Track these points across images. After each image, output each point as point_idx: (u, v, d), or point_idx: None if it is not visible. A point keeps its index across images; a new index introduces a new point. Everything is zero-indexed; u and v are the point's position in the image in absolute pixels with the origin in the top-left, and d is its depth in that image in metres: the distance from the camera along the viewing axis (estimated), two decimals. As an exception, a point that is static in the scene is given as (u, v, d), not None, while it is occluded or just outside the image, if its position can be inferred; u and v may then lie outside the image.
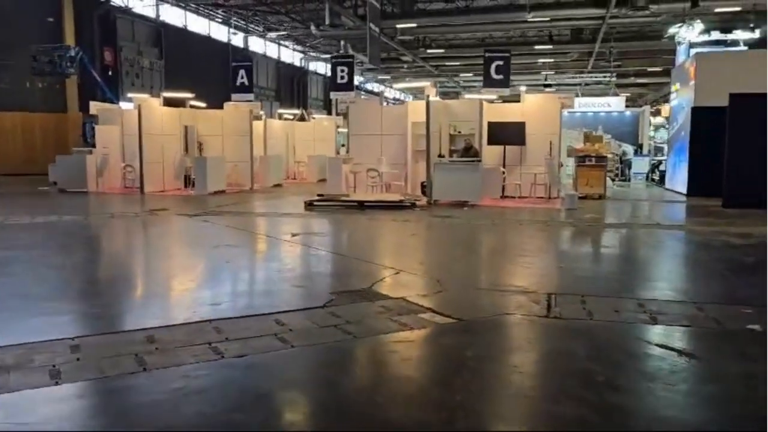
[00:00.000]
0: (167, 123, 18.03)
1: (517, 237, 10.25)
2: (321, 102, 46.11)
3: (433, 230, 10.78)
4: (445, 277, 6.73)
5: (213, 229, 10.52)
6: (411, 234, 10.29)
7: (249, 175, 18.89)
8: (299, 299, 5.92)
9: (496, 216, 12.39)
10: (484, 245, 9.56)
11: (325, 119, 27.67)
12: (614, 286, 6.72)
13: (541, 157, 15.60)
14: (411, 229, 10.86)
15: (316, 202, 13.63)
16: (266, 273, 7.26)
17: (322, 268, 7.60)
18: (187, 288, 6.42)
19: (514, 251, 8.81)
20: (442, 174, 14.25)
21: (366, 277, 6.74)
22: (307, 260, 7.96)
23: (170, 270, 7.45)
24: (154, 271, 7.53)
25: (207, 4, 32.72)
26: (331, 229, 11.17)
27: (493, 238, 10.08)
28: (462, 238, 10.05)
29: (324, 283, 6.62)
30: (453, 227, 10.96)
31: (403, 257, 8.39)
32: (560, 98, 16.03)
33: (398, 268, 7.19)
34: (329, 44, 39.76)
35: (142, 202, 15.25)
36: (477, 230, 10.72)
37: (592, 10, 29.35)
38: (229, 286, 6.55)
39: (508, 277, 7.11)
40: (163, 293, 6.27)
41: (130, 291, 6.26)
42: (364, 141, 16.71)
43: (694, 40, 21.58)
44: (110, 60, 28.13)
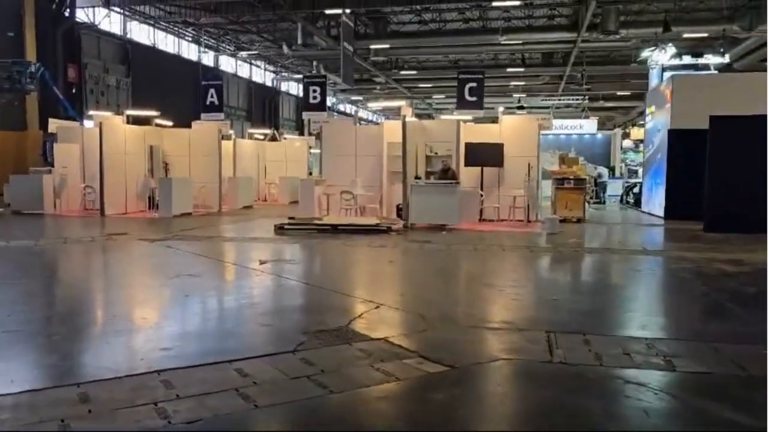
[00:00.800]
0: (131, 142, 17.12)
1: (501, 264, 9.62)
2: (293, 122, 45.42)
3: (411, 257, 10.09)
4: (430, 312, 6.03)
5: (174, 256, 9.68)
6: (388, 261, 9.59)
7: (217, 197, 18.02)
8: (266, 341, 5.15)
9: (476, 241, 11.76)
10: (468, 274, 8.88)
11: (297, 140, 26.96)
12: (615, 321, 6.10)
13: (519, 179, 15.07)
14: (388, 255, 10.16)
15: (287, 225, 12.86)
16: (230, 308, 6.45)
17: (293, 301, 6.83)
18: (137, 328, 5.59)
19: (501, 281, 8.15)
20: (418, 196, 13.61)
21: (342, 313, 6.01)
22: (277, 292, 7.18)
23: (120, 306, 6.61)
24: (100, 308, 6.67)
25: (177, 22, 31.92)
26: (303, 255, 10.41)
27: (477, 266, 9.42)
28: (443, 266, 9.38)
29: (295, 321, 5.86)
30: (432, 253, 10.29)
31: (381, 288, 7.67)
32: (538, 119, 15.57)
33: (377, 301, 6.46)
34: (301, 64, 39.23)
35: (102, 225, 14.30)
36: (458, 257, 10.06)
37: (564, 33, 29.40)
38: (185, 325, 5.75)
39: (498, 312, 6.43)
40: (107, 335, 5.41)
41: (69, 333, 5.40)
42: (338, 162, 16.02)
43: (666, 64, 21.46)
44: (74, 77, 27.09)
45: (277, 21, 31.88)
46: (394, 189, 15.63)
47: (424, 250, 10.50)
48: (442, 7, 29.73)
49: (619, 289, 7.92)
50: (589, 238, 13.12)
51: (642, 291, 7.82)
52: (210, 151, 18.06)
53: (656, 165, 17.76)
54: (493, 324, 5.82)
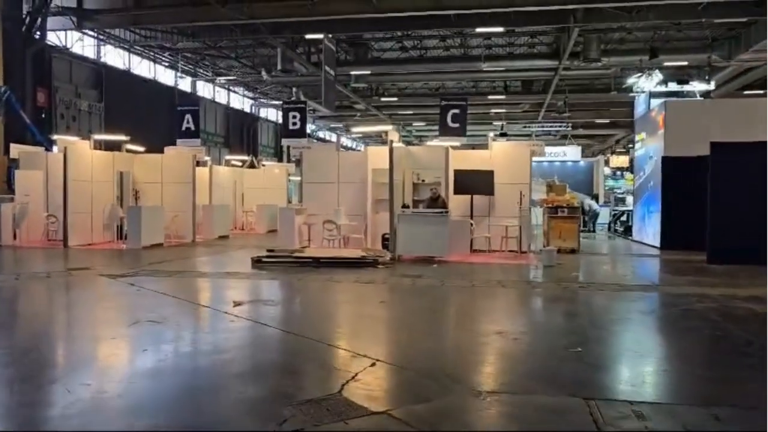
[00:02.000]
0: (98, 168, 15.92)
1: (504, 304, 8.60)
2: (272, 149, 44.32)
3: (404, 295, 9.02)
4: (435, 371, 4.98)
5: (137, 296, 8.50)
6: (379, 301, 8.49)
7: (191, 226, 16.82)
8: (240, 416, 4.03)
9: (471, 275, 10.75)
10: (471, 317, 7.77)
11: (276, 166, 25.88)
12: (661, 383, 5.08)
13: (511, 207, 14.16)
14: (378, 293, 9.08)
15: (266, 258, 11.73)
16: (196, 368, 5.27)
17: (273, 357, 5.70)
18: (75, 401, 4.40)
19: (509, 325, 7.11)
20: (406, 226, 12.60)
21: (332, 374, 4.92)
22: (254, 344, 6.03)
23: (60, 365, 5.43)
24: (38, 369, 5.42)
25: (152, 46, 30.84)
26: (284, 294, 9.28)
27: (478, 306, 8.36)
28: (441, 307, 8.31)
29: (276, 386, 4.73)
30: (426, 291, 9.23)
31: (374, 337, 6.58)
32: (530, 146, 14.73)
33: (371, 355, 5.38)
34: (280, 91, 38.31)
35: (63, 258, 13.04)
36: (455, 295, 9.01)
37: (546, 61, 28.91)
38: (138, 394, 4.58)
39: (516, 368, 5.37)
40: (33, 412, 4.24)
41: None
42: (320, 190, 14.99)
43: (653, 90, 20.90)
44: (43, 101, 25.73)
45: (256, 46, 30.95)
46: (379, 218, 14.62)
47: (417, 287, 9.45)
48: (424, 33, 29.13)
49: (650, 338, 6.86)
50: (590, 272, 12.19)
51: (674, 340, 6.76)
52: (184, 177, 16.91)
53: (648, 193, 17.01)
54: (515, 386, 4.76)
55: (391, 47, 31.54)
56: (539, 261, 12.32)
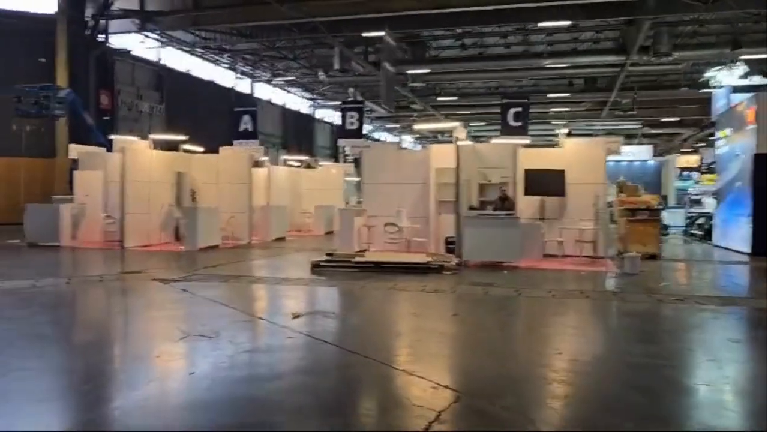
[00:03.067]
0: (157, 169, 15.50)
1: (595, 322, 7.50)
2: (328, 150, 43.88)
3: (477, 307, 8.02)
4: (542, 410, 4.00)
5: (189, 304, 7.79)
6: (451, 314, 7.53)
7: (247, 228, 16.23)
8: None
9: (547, 283, 9.67)
10: (561, 336, 6.67)
11: (333, 167, 25.20)
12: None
13: (584, 209, 13.00)
14: (448, 305, 8.13)
15: (325, 263, 10.93)
16: (248, 398, 4.43)
17: (336, 385, 4.80)
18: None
19: (613, 346, 6.03)
20: (474, 230, 11.59)
21: (410, 411, 4.02)
22: (314, 369, 5.14)
23: (94, 387, 4.70)
24: (65, 391, 4.72)
25: (212, 48, 30.71)
26: (345, 305, 8.42)
27: (566, 324, 7.27)
28: (523, 323, 7.26)
29: (342, 426, 3.85)
30: (502, 303, 8.22)
31: (454, 361, 5.61)
32: (606, 143, 13.48)
33: (455, 386, 4.45)
34: (337, 91, 37.76)
35: (117, 260, 12.58)
36: (536, 308, 7.95)
37: (612, 57, 27.33)
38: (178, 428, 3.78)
39: (650, 411, 4.32)
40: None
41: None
42: (380, 191, 14.17)
43: (734, 84, 19.20)
44: (107, 103, 25.84)
45: (314, 47, 30.44)
46: (442, 220, 13.68)
47: (491, 298, 8.44)
48: (484, 30, 27.98)
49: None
50: (680, 281, 10.91)
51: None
52: (240, 178, 16.33)
53: (734, 194, 15.46)
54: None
55: (449, 45, 30.51)
56: (620, 268, 11.11)
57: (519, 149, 13.33)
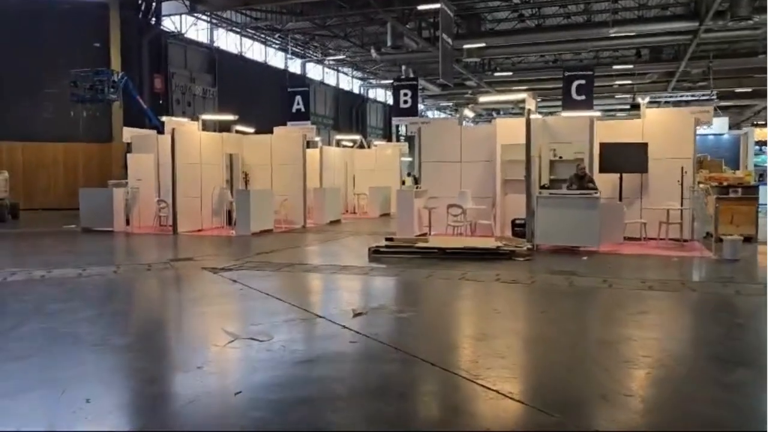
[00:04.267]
0: (207, 150, 14.81)
1: (716, 320, 6.30)
2: (380, 131, 42.87)
3: (566, 302, 6.88)
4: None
5: (239, 298, 6.96)
6: (539, 311, 6.43)
7: (301, 211, 15.43)
8: None
9: (637, 271, 8.46)
10: (678, 340, 5.51)
11: (388, 146, 24.13)
12: None
13: (669, 187, 11.62)
14: (530, 298, 7.04)
15: (385, 249, 9.97)
16: (305, 424, 3.53)
17: (417, 409, 3.84)
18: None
19: (748, 355, 4.87)
20: (547, 211, 10.41)
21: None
22: (384, 386, 4.14)
23: (115, 410, 3.86)
24: (76, 413, 3.91)
25: (262, 28, 29.99)
26: (412, 298, 7.42)
27: (680, 323, 6.09)
28: (626, 319, 6.05)
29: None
30: (593, 295, 7.08)
31: (559, 377, 4.49)
32: (694, 112, 11.99)
33: (575, 418, 3.40)
34: (389, 70, 36.58)
35: (169, 246, 11.96)
36: (635, 303, 6.73)
37: (683, 23, 25.21)
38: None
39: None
40: None
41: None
42: (440, 170, 13.09)
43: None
44: (160, 87, 25.51)
45: (365, 24, 29.35)
46: (508, 201, 12.53)
47: (578, 290, 7.30)
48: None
49: None
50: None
51: None
52: (294, 159, 15.51)
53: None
54: None
55: (506, 18, 28.92)
56: (716, 253, 9.75)
57: (594, 122, 11.98)
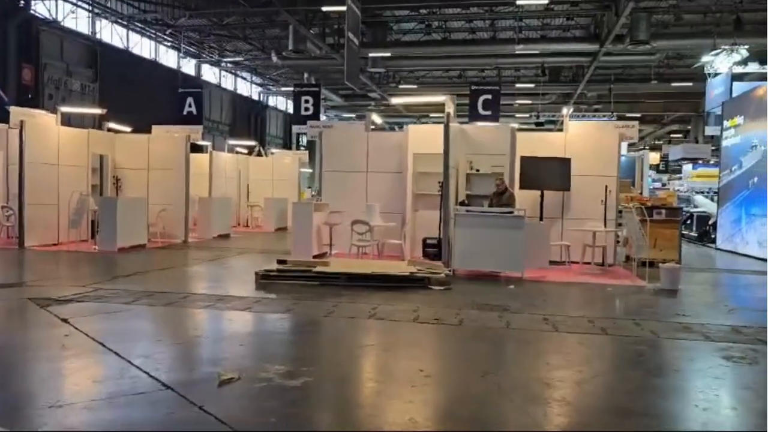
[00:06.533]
0: (68, 149, 12.20)
1: (688, 376, 4.85)
2: (280, 140, 40.54)
3: (510, 354, 5.22)
4: None
5: (54, 351, 4.78)
6: (480, 372, 4.67)
7: (182, 223, 13.11)
8: None
9: (578, 305, 7.05)
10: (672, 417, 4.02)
11: (286, 154, 22.10)
12: None
13: (590, 207, 10.52)
14: (462, 348, 5.33)
15: (276, 273, 8.00)
16: None
17: None
18: None
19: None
20: (465, 231, 8.88)
21: None
22: None
23: None
24: None
25: (152, 22, 27.08)
26: (306, 351, 5.41)
27: (667, 389, 4.60)
28: (608, 383, 4.47)
29: None
30: (539, 342, 5.49)
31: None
32: (618, 127, 10.96)
33: None
34: (290, 77, 34.44)
35: (2, 266, 9.35)
36: (597, 354, 5.21)
37: (585, 45, 25.11)
38: None
39: None
40: None
41: None
42: (344, 180, 11.31)
43: (725, 72, 17.09)
44: (29, 79, 22.02)
45: (265, 26, 27.21)
46: (420, 218, 10.94)
47: (519, 335, 5.69)
48: (449, 12, 25.40)
49: None
50: (746, 303, 8.43)
51: None
52: (175, 163, 13.18)
53: (747, 192, 13.25)
54: None
55: (412, 29, 27.80)
56: (651, 281, 8.58)
57: (516, 132, 10.67)
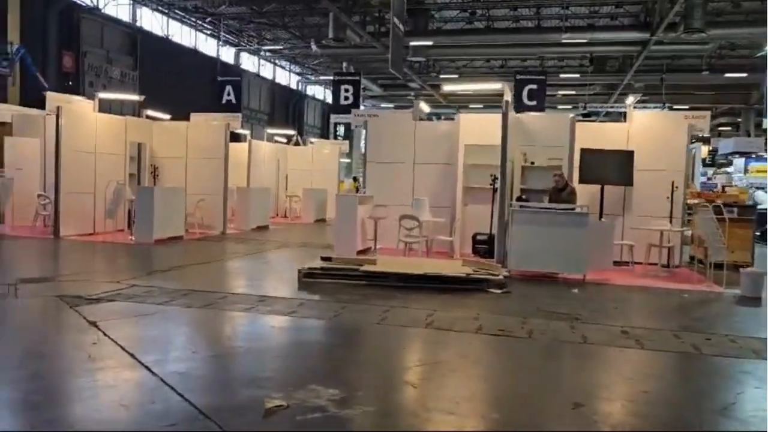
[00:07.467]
0: (106, 137, 11.78)
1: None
2: (318, 130, 40.06)
3: (594, 377, 4.52)
4: None
5: (79, 365, 4.22)
6: (566, 401, 3.99)
7: (221, 214, 12.62)
8: None
9: (654, 314, 6.24)
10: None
11: (326, 144, 21.44)
12: None
13: (655, 204, 9.65)
14: (535, 366, 4.62)
15: (320, 271, 7.37)
16: None
17: None
18: None
19: None
20: (523, 228, 8.11)
21: None
22: None
23: None
24: None
25: (192, 10, 26.71)
26: (358, 371, 4.78)
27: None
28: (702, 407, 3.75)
29: None
30: (624, 361, 4.74)
31: None
32: (688, 118, 10.00)
33: None
34: (329, 66, 33.85)
35: (34, 256, 8.95)
36: (686, 372, 4.46)
37: (634, 33, 23.85)
38: None
39: None
40: None
41: None
42: (389, 172, 10.63)
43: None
44: (70, 66, 21.87)
45: (305, 14, 26.58)
46: (470, 213, 10.19)
47: (598, 351, 4.94)
48: (493, 0, 24.42)
49: None
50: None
51: None
52: (214, 152, 12.68)
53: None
54: None
55: (454, 17, 26.87)
56: (728, 287, 7.70)
57: (576, 123, 9.80)
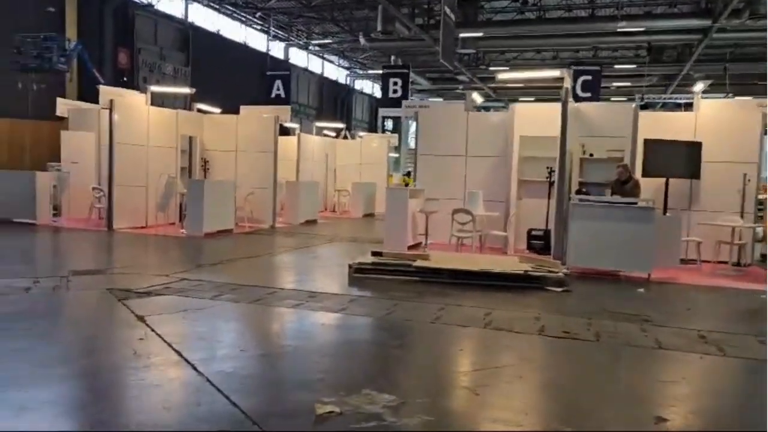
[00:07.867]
0: (158, 130, 11.82)
1: None
2: (366, 124, 39.90)
3: (667, 379, 4.13)
4: None
5: (123, 363, 4.06)
6: (648, 414, 3.60)
7: (270, 208, 12.53)
8: None
9: (732, 317, 5.74)
10: None
11: (375, 137, 21.18)
12: None
13: (723, 198, 9.04)
14: (609, 371, 4.25)
15: (371, 266, 7.11)
16: None
17: None
18: None
19: None
20: (583, 223, 7.65)
21: None
22: None
23: None
24: None
25: (242, 5, 26.86)
26: (414, 372, 4.52)
27: None
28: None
29: None
30: (703, 367, 4.32)
31: None
32: (763, 106, 9.30)
33: None
34: (377, 60, 33.64)
35: (89, 248, 8.99)
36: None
37: (693, 21, 22.68)
38: None
39: None
40: None
41: None
42: (440, 165, 10.29)
43: None
44: (125, 63, 22.28)
45: (353, 7, 26.39)
46: (524, 207, 9.76)
47: (676, 360, 4.50)
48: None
49: None
50: None
51: None
52: (263, 146, 12.59)
53: None
54: None
55: (505, 7, 26.20)
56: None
57: (639, 112, 9.24)
